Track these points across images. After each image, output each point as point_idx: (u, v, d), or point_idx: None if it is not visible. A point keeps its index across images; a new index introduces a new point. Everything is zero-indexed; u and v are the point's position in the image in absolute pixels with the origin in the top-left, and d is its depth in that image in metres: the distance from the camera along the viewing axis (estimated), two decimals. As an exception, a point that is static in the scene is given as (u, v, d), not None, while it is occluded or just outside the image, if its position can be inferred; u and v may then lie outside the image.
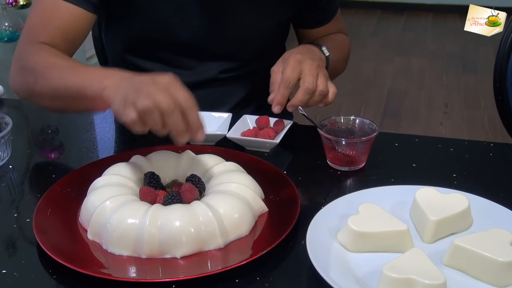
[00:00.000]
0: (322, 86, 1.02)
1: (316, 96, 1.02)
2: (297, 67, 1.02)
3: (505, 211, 0.83)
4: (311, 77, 1.01)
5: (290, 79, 1.01)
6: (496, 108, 1.38)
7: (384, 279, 0.69)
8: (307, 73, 1.02)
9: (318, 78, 1.02)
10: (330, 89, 1.04)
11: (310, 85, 1.01)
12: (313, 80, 1.01)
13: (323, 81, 1.03)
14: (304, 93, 1.01)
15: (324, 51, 1.15)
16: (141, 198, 0.84)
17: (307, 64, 1.03)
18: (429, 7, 5.12)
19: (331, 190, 0.97)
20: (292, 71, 1.02)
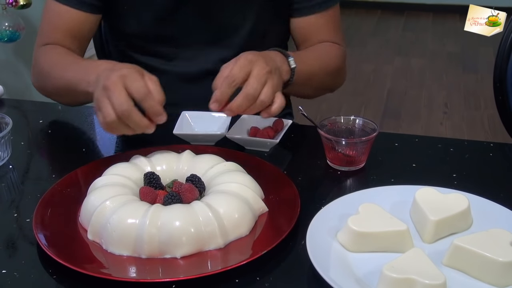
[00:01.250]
0: (264, 96, 0.92)
1: (256, 105, 0.93)
2: (246, 66, 0.93)
3: (505, 211, 0.83)
4: (256, 82, 0.92)
5: (235, 77, 0.92)
6: (496, 108, 1.38)
7: (384, 279, 0.69)
8: (253, 77, 0.92)
9: (265, 86, 0.93)
10: (277, 101, 0.94)
11: (251, 91, 0.91)
12: (257, 86, 0.91)
13: (268, 91, 0.92)
14: (244, 99, 0.92)
15: (290, 62, 1.04)
16: (141, 198, 0.84)
17: (257, 66, 0.93)
18: (429, 7, 5.12)
19: (331, 190, 0.97)
20: (240, 70, 0.92)
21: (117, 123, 0.87)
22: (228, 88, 0.92)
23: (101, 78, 0.90)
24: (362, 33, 4.69)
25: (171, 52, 1.26)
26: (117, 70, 0.90)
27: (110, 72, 0.90)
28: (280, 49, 1.06)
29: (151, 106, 0.88)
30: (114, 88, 0.87)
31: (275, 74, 0.96)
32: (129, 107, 0.86)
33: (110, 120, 0.87)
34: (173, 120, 1.09)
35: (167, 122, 1.03)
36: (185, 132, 1.08)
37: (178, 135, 1.07)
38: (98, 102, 0.89)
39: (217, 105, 0.93)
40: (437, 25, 4.85)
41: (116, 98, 0.86)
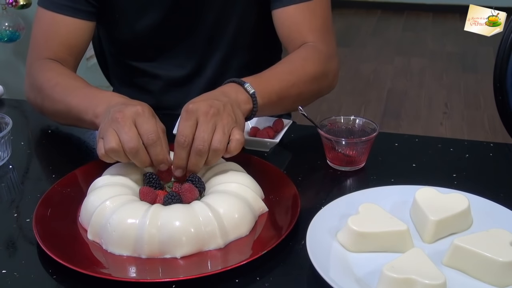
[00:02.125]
0: (216, 143, 0.85)
1: (211, 156, 0.86)
2: (190, 119, 0.86)
3: (505, 211, 0.83)
4: (202, 133, 0.85)
5: (185, 137, 0.85)
6: (496, 108, 1.38)
7: (384, 279, 0.69)
8: (199, 128, 0.85)
9: (215, 133, 0.86)
10: (232, 139, 0.87)
11: (200, 146, 0.84)
12: (204, 137, 0.85)
13: (219, 136, 0.85)
14: (196, 156, 0.85)
15: (247, 88, 0.96)
16: (141, 198, 0.84)
17: (201, 115, 0.86)
18: (429, 7, 5.12)
19: (331, 190, 0.97)
20: (185, 126, 0.86)
21: (117, 153, 0.84)
22: (183, 151, 0.86)
23: (112, 110, 0.87)
24: (362, 33, 4.69)
25: (163, 57, 1.26)
26: (131, 105, 0.87)
27: (123, 107, 0.87)
28: (234, 78, 0.98)
29: (158, 154, 0.85)
30: (124, 123, 0.84)
31: (225, 112, 0.88)
32: (139, 145, 0.84)
33: (110, 148, 0.83)
34: (173, 120, 1.09)
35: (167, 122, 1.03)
36: None
37: None
38: (104, 131, 0.86)
39: (180, 171, 0.87)
40: (437, 25, 4.85)
41: (126, 134, 0.83)
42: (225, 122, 0.87)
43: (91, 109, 0.95)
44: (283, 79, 1.04)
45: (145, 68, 1.28)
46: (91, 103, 0.96)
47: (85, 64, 2.65)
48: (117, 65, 1.35)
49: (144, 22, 1.20)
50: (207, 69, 1.27)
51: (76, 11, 1.14)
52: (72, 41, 1.16)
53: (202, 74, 1.28)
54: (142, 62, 1.28)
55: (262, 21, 1.24)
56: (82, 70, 1.25)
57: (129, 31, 1.22)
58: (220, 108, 0.88)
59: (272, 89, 1.01)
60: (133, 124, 0.85)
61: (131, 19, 1.19)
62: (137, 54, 1.28)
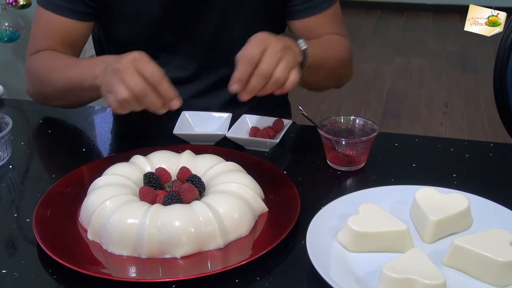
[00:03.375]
0: (279, 73, 0.90)
1: (270, 84, 0.90)
2: (260, 43, 0.91)
3: (505, 211, 0.83)
4: (269, 60, 0.89)
5: (252, 54, 0.89)
6: (496, 108, 1.38)
7: (384, 279, 0.69)
8: (267, 55, 0.90)
9: (279, 63, 0.90)
10: (291, 77, 0.92)
11: (265, 69, 0.88)
12: (270, 63, 0.89)
13: (283, 68, 0.90)
14: (258, 78, 0.89)
15: (300, 44, 1.01)
16: (141, 198, 0.84)
17: (271, 44, 0.91)
18: (429, 7, 5.12)
19: (331, 190, 0.97)
20: (254, 47, 0.90)
21: (129, 102, 0.87)
22: (247, 67, 0.89)
23: (110, 65, 0.90)
24: (362, 33, 4.68)
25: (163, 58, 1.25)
26: (127, 55, 0.89)
27: (120, 57, 0.89)
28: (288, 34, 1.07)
29: (166, 90, 0.87)
30: (126, 70, 0.86)
31: (291, 50, 0.94)
32: (145, 86, 0.86)
33: (123, 98, 0.86)
34: (173, 120, 1.09)
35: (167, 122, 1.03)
36: (185, 132, 1.08)
37: (178, 135, 1.07)
38: (109, 84, 0.89)
39: (238, 86, 0.89)
40: (437, 25, 4.85)
41: (130, 79, 0.86)
42: (289, 59, 0.92)
43: (88, 74, 0.98)
44: (324, 49, 1.13)
45: None
46: (87, 69, 1.00)
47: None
48: None
49: (143, 22, 1.19)
50: (208, 71, 1.27)
51: (73, 13, 1.15)
52: (68, 39, 1.17)
53: (203, 76, 1.27)
54: None
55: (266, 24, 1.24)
56: (82, 70, 1.25)
57: (128, 31, 1.22)
58: (288, 46, 0.93)
59: (316, 53, 1.06)
60: (135, 70, 0.87)
61: (130, 19, 1.19)
62: None
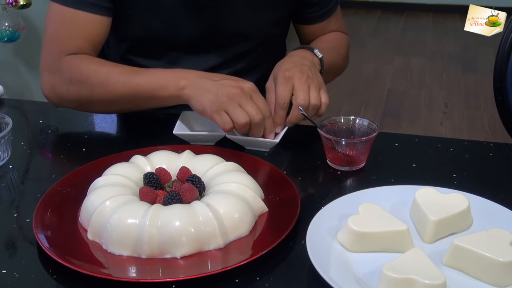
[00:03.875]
0: (314, 100, 1.04)
1: (309, 111, 1.04)
2: (287, 84, 1.04)
3: (505, 211, 0.83)
4: (302, 93, 1.03)
5: (284, 98, 1.03)
6: (496, 108, 1.38)
7: (384, 279, 0.69)
8: (298, 89, 1.03)
9: (310, 92, 1.04)
10: (322, 100, 1.05)
11: (303, 101, 1.03)
12: (304, 96, 1.03)
13: (315, 95, 1.04)
14: (297, 111, 1.04)
15: (317, 53, 1.16)
16: (141, 198, 0.84)
17: (296, 79, 1.04)
18: (429, 7, 5.12)
19: (331, 190, 0.97)
20: (284, 90, 1.03)
21: (246, 127, 0.99)
22: (282, 111, 1.04)
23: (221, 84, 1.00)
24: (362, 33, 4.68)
25: (173, 55, 1.25)
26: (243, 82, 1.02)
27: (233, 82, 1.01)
28: (303, 45, 1.19)
29: (271, 124, 1.03)
30: (247, 98, 0.99)
31: (313, 75, 1.07)
32: (262, 118, 1.00)
33: (244, 122, 0.98)
34: (173, 120, 1.09)
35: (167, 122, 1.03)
36: (185, 132, 1.08)
37: (178, 135, 1.07)
38: (226, 105, 0.98)
39: (280, 128, 1.05)
40: (437, 25, 4.85)
41: (252, 107, 0.99)
42: (316, 83, 1.06)
43: (171, 83, 1.04)
44: (331, 53, 1.23)
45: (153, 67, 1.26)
46: (168, 79, 1.05)
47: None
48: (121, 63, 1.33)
49: (157, 18, 1.19)
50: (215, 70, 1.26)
51: (98, 8, 1.14)
52: (96, 37, 1.16)
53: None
54: (150, 60, 1.26)
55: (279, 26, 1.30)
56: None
57: (140, 27, 1.21)
58: (309, 72, 1.07)
59: (327, 58, 1.18)
60: (251, 100, 1.00)
61: (144, 14, 1.19)
62: (145, 51, 1.26)
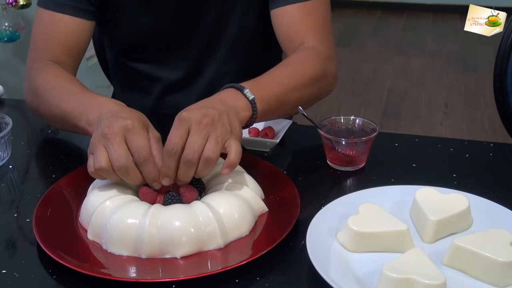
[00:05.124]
0: (208, 152, 0.81)
1: (202, 165, 0.82)
2: (181, 127, 0.83)
3: (505, 211, 0.83)
4: (193, 143, 0.81)
5: (174, 145, 0.82)
6: (496, 108, 1.38)
7: (384, 279, 0.69)
8: (190, 138, 0.82)
9: (208, 141, 0.82)
10: (231, 150, 0.83)
11: (189, 156, 0.81)
12: (195, 147, 0.81)
13: (211, 146, 0.81)
14: (185, 166, 0.82)
15: (247, 94, 0.92)
16: (141, 198, 0.84)
17: (193, 124, 0.82)
18: (429, 7, 5.12)
19: (331, 190, 0.97)
20: (175, 134, 0.82)
21: (106, 173, 0.81)
22: (171, 159, 0.82)
23: (103, 122, 0.84)
24: (362, 33, 4.69)
25: (163, 58, 1.26)
26: (121, 119, 0.83)
27: (113, 120, 0.83)
28: (233, 84, 0.95)
29: (149, 172, 0.82)
30: (113, 139, 0.80)
31: (220, 121, 0.84)
32: (127, 163, 0.80)
33: (99, 167, 0.80)
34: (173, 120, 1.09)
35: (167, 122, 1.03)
36: None
37: None
38: (93, 147, 0.83)
39: (168, 180, 0.83)
40: (437, 25, 4.85)
41: (115, 151, 0.80)
42: (219, 133, 0.83)
43: (84, 115, 0.92)
44: (283, 82, 1.00)
45: (145, 70, 1.28)
46: (85, 110, 0.93)
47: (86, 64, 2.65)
48: (117, 66, 1.35)
49: (144, 21, 1.19)
50: (207, 71, 1.27)
51: (76, 10, 1.12)
52: (71, 41, 1.14)
53: (202, 75, 1.28)
54: (142, 64, 1.28)
55: (261, 24, 1.23)
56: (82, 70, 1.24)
57: (129, 31, 1.22)
58: (215, 118, 0.84)
59: (272, 93, 0.97)
60: (123, 140, 0.81)
61: (131, 18, 1.19)
62: (136, 55, 1.27)
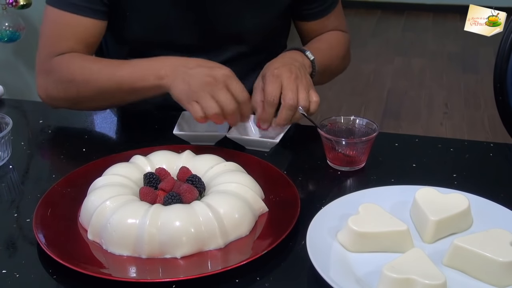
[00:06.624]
0: (303, 102, 1.01)
1: (298, 112, 1.01)
2: (276, 81, 1.01)
3: (505, 211, 0.83)
4: (290, 92, 1.00)
5: (273, 95, 1.00)
6: (496, 108, 1.38)
7: (384, 279, 0.69)
8: (286, 88, 1.01)
9: (299, 92, 1.01)
10: (313, 99, 1.03)
11: (291, 101, 1.00)
12: (293, 95, 1.00)
13: (303, 95, 1.01)
14: (287, 111, 1.00)
15: (309, 55, 1.13)
16: (141, 198, 0.84)
17: (285, 78, 1.01)
18: (429, 7, 5.12)
19: (331, 190, 0.97)
20: (272, 87, 1.01)
21: (218, 117, 0.95)
22: (271, 108, 1.01)
23: (194, 72, 0.97)
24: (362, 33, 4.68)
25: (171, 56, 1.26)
26: (217, 68, 0.98)
27: (208, 70, 0.97)
28: (296, 46, 1.15)
29: (248, 110, 0.99)
30: (219, 86, 0.95)
31: (302, 75, 1.04)
32: (236, 105, 0.95)
33: (214, 114, 0.94)
34: (173, 120, 1.09)
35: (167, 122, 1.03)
36: (185, 132, 1.08)
37: (178, 135, 1.07)
38: (197, 95, 0.95)
39: (266, 124, 1.02)
40: (437, 25, 4.85)
41: (224, 96, 0.94)
42: (304, 84, 1.03)
43: (151, 73, 1.02)
44: (327, 54, 1.21)
45: None
46: (148, 69, 1.03)
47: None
48: None
49: (155, 19, 1.19)
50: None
51: (93, 12, 1.14)
52: (88, 40, 1.16)
53: None
54: None
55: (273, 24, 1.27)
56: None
57: (139, 28, 1.21)
58: (298, 72, 1.04)
59: (322, 59, 1.16)
60: (226, 87, 0.95)
61: (143, 16, 1.19)
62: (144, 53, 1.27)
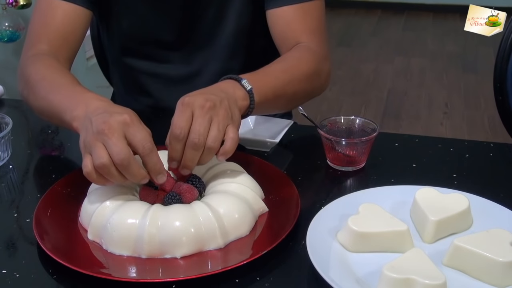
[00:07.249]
0: (210, 141, 0.82)
1: (205, 153, 0.83)
2: (185, 111, 0.83)
3: (505, 211, 0.83)
4: (198, 126, 0.82)
5: (180, 128, 0.82)
6: (496, 108, 1.38)
7: (384, 279, 0.69)
8: (195, 122, 0.83)
9: (210, 128, 0.83)
10: (229, 136, 0.84)
11: (196, 140, 0.82)
12: (200, 130, 0.82)
13: (214, 132, 0.83)
14: (191, 150, 0.83)
15: (245, 84, 0.93)
16: (141, 198, 0.84)
17: (197, 108, 0.83)
18: (429, 7, 5.12)
19: (331, 190, 0.97)
20: (180, 118, 0.83)
21: (107, 170, 0.78)
22: (178, 143, 0.83)
23: (94, 119, 0.81)
24: (362, 33, 4.69)
25: (163, 55, 1.26)
26: (116, 114, 0.80)
27: (107, 116, 0.80)
28: (231, 75, 0.95)
29: (155, 163, 0.80)
30: (112, 134, 0.77)
31: (222, 107, 0.85)
32: (130, 156, 0.77)
33: (100, 164, 0.77)
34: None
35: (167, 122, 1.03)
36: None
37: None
38: (90, 145, 0.79)
39: (175, 163, 0.85)
40: (437, 25, 4.85)
41: (114, 145, 0.77)
42: (220, 118, 0.84)
43: (69, 110, 0.89)
44: (279, 77, 1.02)
45: (145, 67, 1.29)
46: (70, 104, 0.90)
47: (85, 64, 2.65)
48: (117, 64, 1.35)
49: (143, 16, 1.19)
50: (206, 69, 1.27)
51: None
52: (67, 28, 1.12)
53: (202, 74, 1.28)
54: (142, 61, 1.28)
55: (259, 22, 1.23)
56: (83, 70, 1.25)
57: (128, 25, 1.22)
58: (217, 103, 0.85)
59: (268, 86, 0.98)
60: (122, 135, 0.78)
61: (130, 11, 1.19)
62: (136, 52, 1.27)
